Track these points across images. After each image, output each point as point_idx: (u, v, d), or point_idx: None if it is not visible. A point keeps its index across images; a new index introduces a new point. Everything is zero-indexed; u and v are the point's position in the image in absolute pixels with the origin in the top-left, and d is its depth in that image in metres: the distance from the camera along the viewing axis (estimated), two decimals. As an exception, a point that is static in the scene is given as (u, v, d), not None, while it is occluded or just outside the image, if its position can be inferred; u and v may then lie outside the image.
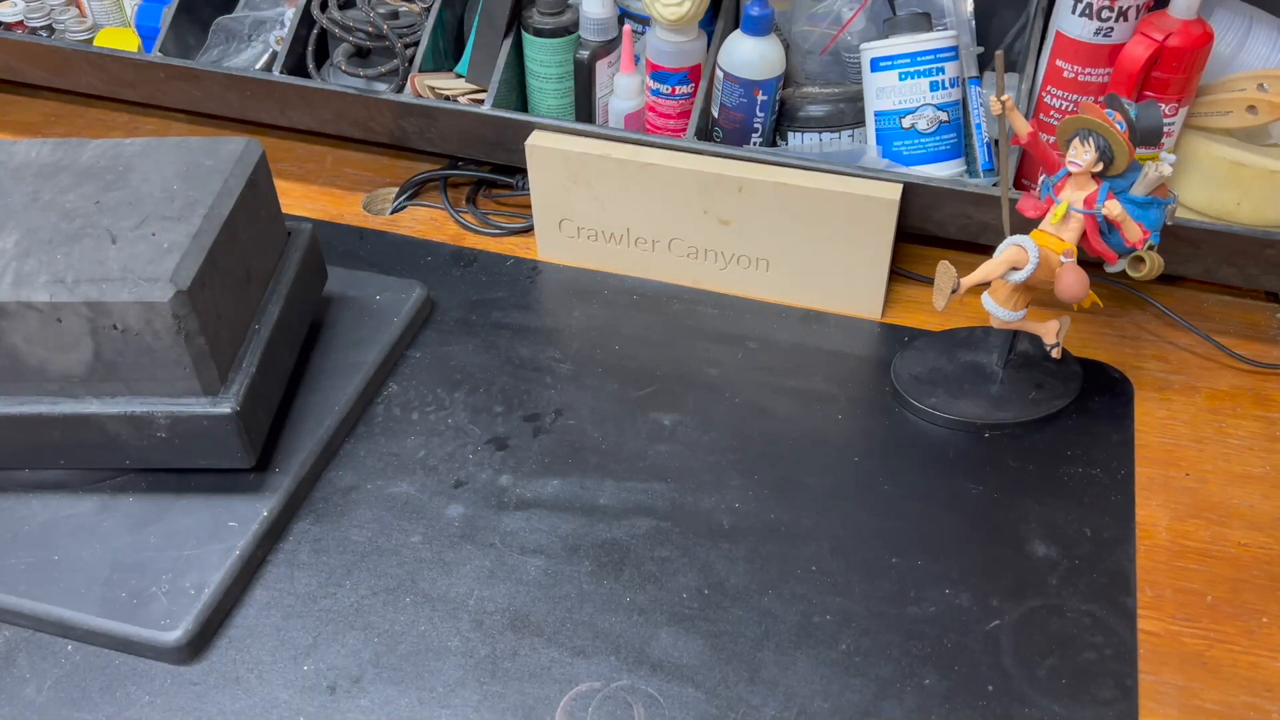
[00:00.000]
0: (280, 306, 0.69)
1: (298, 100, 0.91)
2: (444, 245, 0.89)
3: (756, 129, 0.84)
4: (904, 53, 0.78)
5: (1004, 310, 0.68)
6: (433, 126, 0.89)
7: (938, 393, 0.73)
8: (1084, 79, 0.76)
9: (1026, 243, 0.65)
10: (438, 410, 0.74)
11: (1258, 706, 0.57)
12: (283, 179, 0.97)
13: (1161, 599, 0.62)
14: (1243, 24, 0.76)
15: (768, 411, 0.74)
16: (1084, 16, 0.73)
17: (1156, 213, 0.65)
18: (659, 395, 0.75)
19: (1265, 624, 0.61)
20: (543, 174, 0.83)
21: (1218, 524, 0.67)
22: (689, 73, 0.84)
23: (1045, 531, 0.65)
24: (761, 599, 0.62)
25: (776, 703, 0.57)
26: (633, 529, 0.66)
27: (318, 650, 0.60)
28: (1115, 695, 0.57)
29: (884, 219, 0.76)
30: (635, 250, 0.84)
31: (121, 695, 0.58)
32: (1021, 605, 0.62)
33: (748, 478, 0.69)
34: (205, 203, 0.63)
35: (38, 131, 1.05)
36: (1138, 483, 0.69)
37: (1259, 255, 0.75)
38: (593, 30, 0.85)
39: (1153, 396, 0.75)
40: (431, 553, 0.65)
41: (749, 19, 0.79)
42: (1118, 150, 0.63)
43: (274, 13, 0.97)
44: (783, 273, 0.81)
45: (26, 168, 0.67)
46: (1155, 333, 0.80)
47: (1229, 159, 0.75)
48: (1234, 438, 0.72)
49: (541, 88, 0.89)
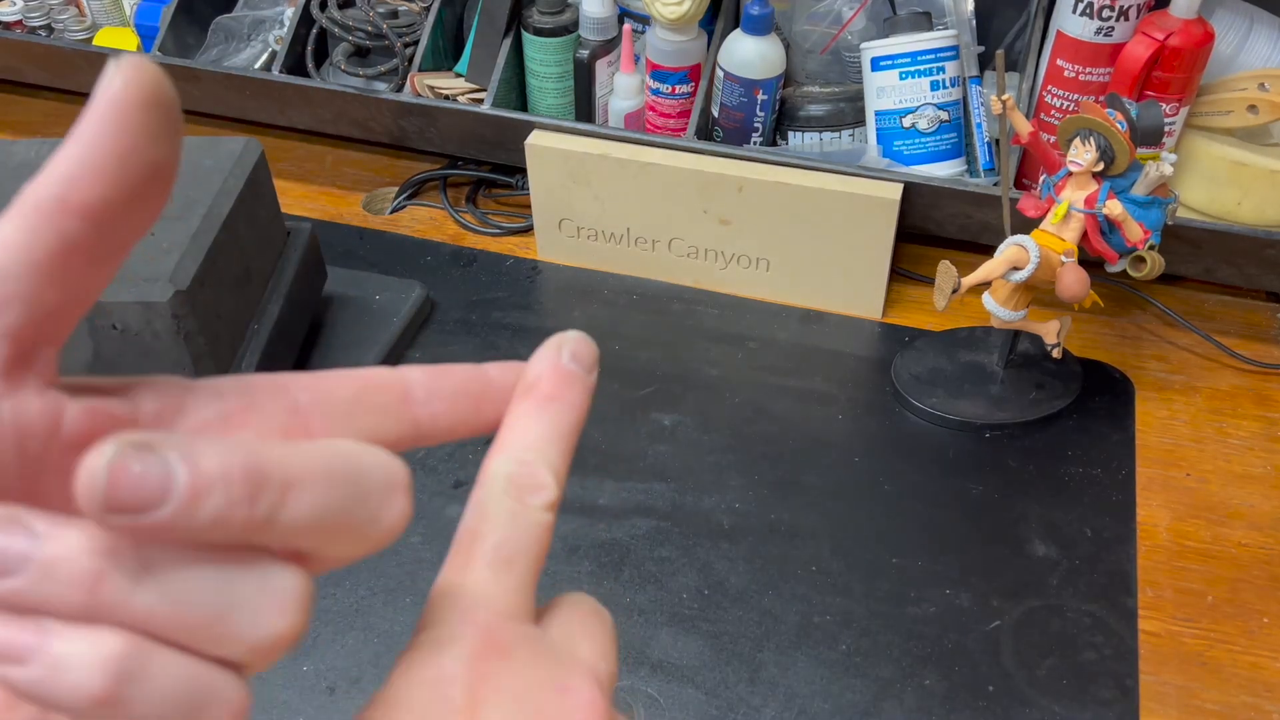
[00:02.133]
0: (280, 306, 0.69)
1: (297, 100, 0.91)
2: (444, 245, 0.89)
3: (757, 128, 0.84)
4: (904, 52, 0.78)
5: (1005, 310, 0.68)
6: (432, 126, 0.89)
7: (938, 393, 0.73)
8: (1085, 78, 0.76)
9: (1027, 242, 0.65)
10: (437, 410, 0.74)
11: (1258, 707, 0.57)
12: (282, 179, 0.97)
13: (1162, 599, 0.62)
14: (1243, 23, 0.76)
15: (768, 412, 0.74)
16: (1085, 16, 0.73)
17: (1157, 212, 0.65)
18: (659, 395, 0.75)
19: (1265, 624, 0.61)
20: (542, 174, 0.82)
21: (1218, 524, 0.67)
22: (689, 72, 0.83)
23: (1046, 531, 0.65)
24: (761, 599, 0.62)
25: (777, 703, 0.57)
26: (633, 529, 0.66)
27: (317, 651, 0.60)
28: (1115, 695, 0.57)
29: (884, 219, 0.76)
30: (635, 250, 0.84)
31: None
32: (1022, 605, 0.62)
33: (748, 478, 0.69)
34: (204, 202, 0.63)
35: (37, 131, 1.05)
36: (1138, 483, 0.69)
37: (1260, 255, 0.75)
38: (592, 29, 0.85)
39: (1153, 396, 0.75)
40: (431, 553, 0.65)
41: (749, 18, 0.79)
42: (1118, 150, 0.63)
43: (273, 12, 0.97)
44: (783, 272, 0.81)
45: (25, 167, 0.67)
46: (1156, 333, 0.80)
47: (1230, 158, 0.75)
48: (1234, 438, 0.72)
49: (541, 87, 0.88)
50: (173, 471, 0.18)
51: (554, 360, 0.28)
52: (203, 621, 0.19)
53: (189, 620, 0.19)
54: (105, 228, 0.20)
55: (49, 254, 0.19)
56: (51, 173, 0.20)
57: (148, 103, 0.20)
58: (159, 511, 0.17)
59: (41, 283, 0.20)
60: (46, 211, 0.19)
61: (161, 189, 0.20)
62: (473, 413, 0.26)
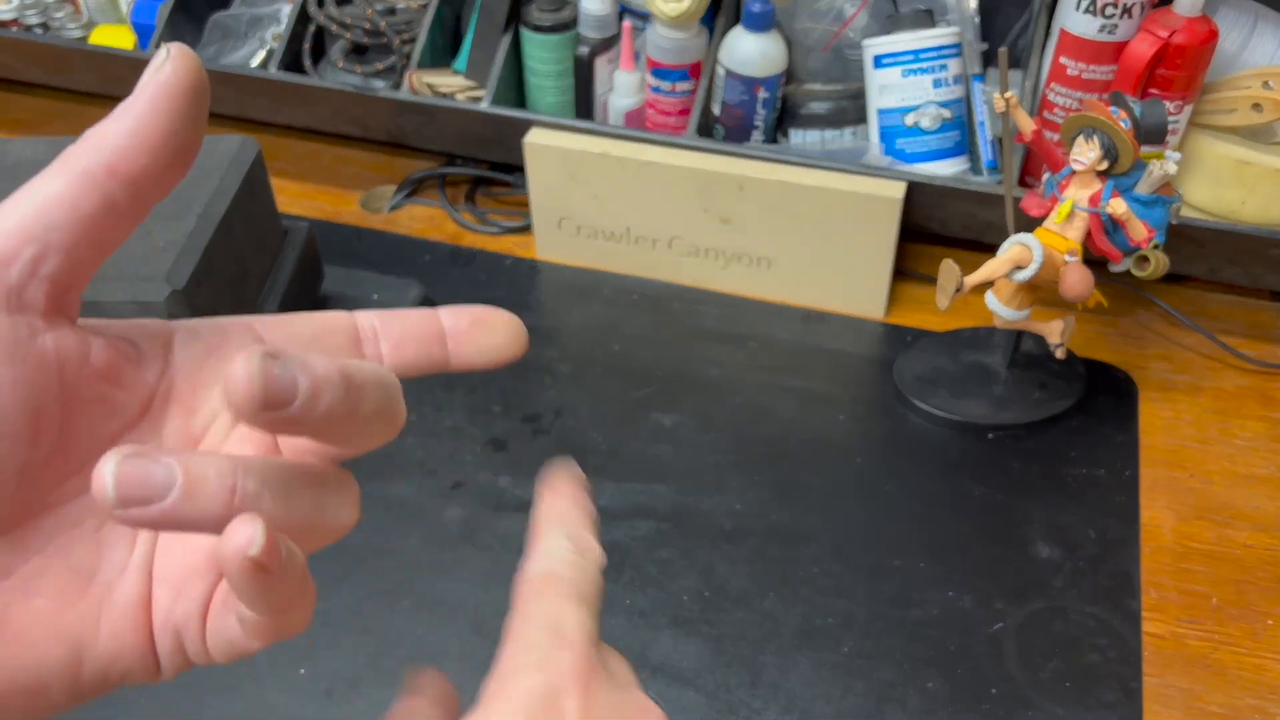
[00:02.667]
0: (276, 306, 0.68)
1: (294, 98, 0.90)
2: (442, 244, 0.89)
3: (758, 126, 0.83)
4: (907, 49, 0.78)
5: (1008, 310, 0.68)
6: (430, 124, 0.88)
7: (941, 393, 0.73)
8: (1088, 76, 0.75)
9: (1031, 241, 0.64)
10: (436, 411, 0.73)
11: (1263, 709, 0.57)
12: (279, 177, 0.96)
13: (1166, 601, 0.62)
14: (1248, 21, 0.75)
15: (769, 412, 0.73)
16: (1088, 13, 0.73)
17: (1161, 211, 0.64)
18: (659, 395, 0.74)
19: (1270, 626, 0.61)
20: (542, 172, 0.82)
21: (1223, 525, 0.66)
22: (689, 69, 0.83)
23: (1049, 533, 0.65)
24: (763, 601, 0.61)
25: (778, 706, 0.57)
26: (633, 531, 0.65)
27: (315, 654, 0.59)
28: (1119, 698, 0.57)
29: (887, 217, 0.75)
30: (635, 249, 0.83)
31: (118, 697, 0.57)
32: (1025, 607, 0.61)
33: (749, 479, 0.69)
34: (201, 201, 0.63)
35: (33, 129, 1.04)
36: (1142, 484, 0.68)
37: (1264, 254, 0.75)
38: (592, 26, 0.84)
39: (1157, 397, 0.74)
40: (430, 555, 0.64)
41: (750, 15, 0.79)
42: (1122, 148, 0.62)
43: (270, 9, 0.96)
44: (784, 272, 0.81)
45: (21, 166, 0.66)
46: (1160, 333, 0.79)
47: (1234, 157, 0.75)
48: (1239, 438, 0.71)
49: (540, 84, 0.88)
50: (297, 375, 0.21)
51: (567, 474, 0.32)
52: (306, 521, 0.24)
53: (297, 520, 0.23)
54: (141, 194, 0.24)
55: (92, 212, 0.23)
56: (102, 142, 0.23)
57: (193, 89, 0.24)
58: (291, 407, 0.21)
59: (81, 236, 0.23)
60: (96, 176, 0.23)
61: (188, 164, 0.24)
62: (421, 354, 0.28)
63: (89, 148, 0.23)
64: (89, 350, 0.24)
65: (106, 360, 0.24)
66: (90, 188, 0.23)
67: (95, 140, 0.23)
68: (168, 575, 0.25)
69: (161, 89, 0.23)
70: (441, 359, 0.28)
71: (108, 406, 0.25)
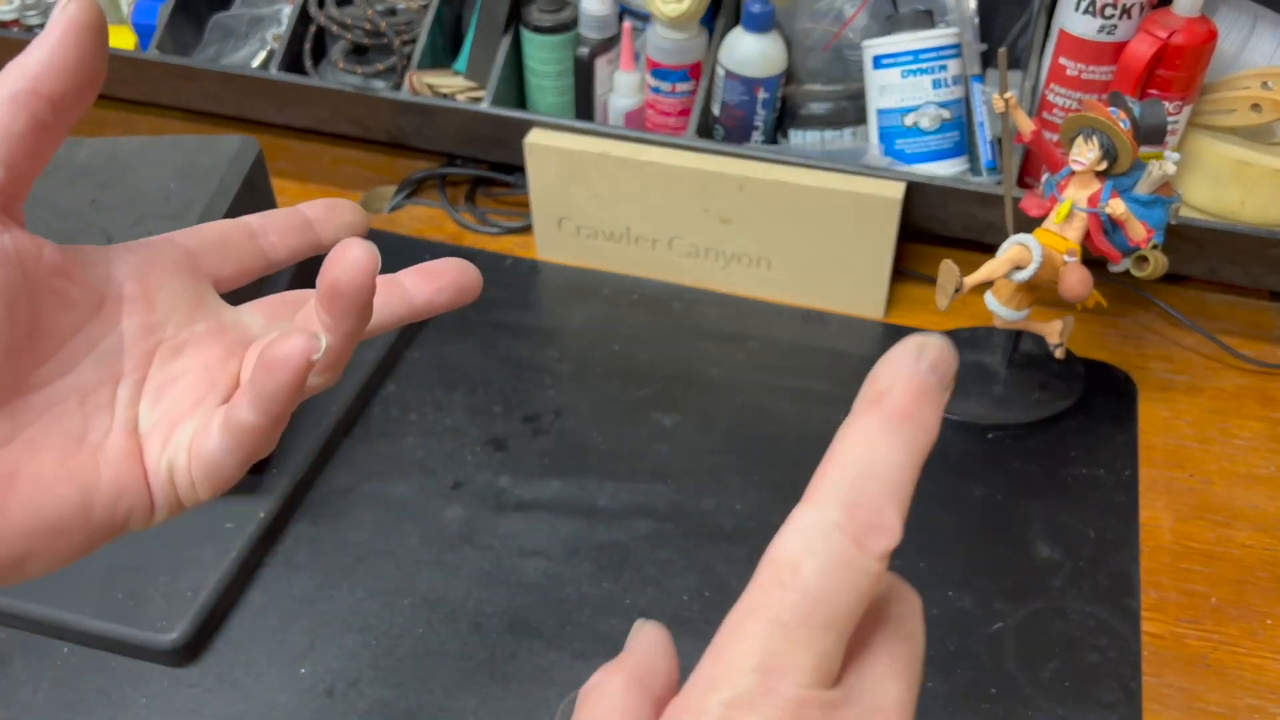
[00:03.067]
0: (277, 306, 0.68)
1: (295, 98, 0.90)
2: (442, 244, 0.89)
3: (757, 127, 0.83)
4: (906, 50, 0.78)
5: (1007, 310, 0.68)
6: (431, 124, 0.88)
7: (940, 393, 0.73)
8: (1087, 77, 0.75)
9: (1030, 241, 0.64)
10: (436, 411, 0.73)
11: (1262, 709, 0.57)
12: (280, 177, 0.96)
13: (1165, 601, 0.62)
14: (1247, 22, 0.75)
15: (769, 412, 0.73)
16: (1087, 14, 0.73)
17: (1160, 212, 0.64)
18: (659, 395, 0.75)
19: (1270, 626, 0.61)
20: (542, 172, 0.82)
21: (1222, 525, 0.66)
22: (689, 70, 0.83)
23: (1048, 533, 0.65)
24: (763, 601, 0.61)
25: (778, 706, 0.57)
26: (633, 531, 0.65)
27: (315, 653, 0.60)
28: (1119, 698, 0.57)
29: (886, 218, 0.75)
30: (635, 249, 0.84)
31: (118, 697, 0.58)
32: (1024, 607, 0.61)
33: (749, 479, 0.69)
34: (202, 201, 0.63)
35: (34, 129, 1.04)
36: (1141, 484, 0.68)
37: (1264, 254, 0.75)
38: (592, 27, 0.85)
39: (1157, 397, 0.74)
40: (430, 555, 0.64)
41: (750, 16, 0.79)
42: (1121, 148, 0.62)
43: (271, 10, 0.96)
44: (784, 272, 0.81)
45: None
46: (1159, 333, 0.80)
47: (1233, 157, 0.75)
48: (1238, 438, 0.72)
49: (540, 85, 0.88)
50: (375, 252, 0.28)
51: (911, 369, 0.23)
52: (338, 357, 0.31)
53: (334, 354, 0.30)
54: (61, 112, 0.28)
55: (23, 129, 0.27)
56: (25, 71, 0.27)
57: (94, 24, 0.27)
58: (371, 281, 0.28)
59: (18, 150, 0.27)
60: (22, 98, 0.27)
61: (97, 88, 0.28)
62: (301, 241, 0.35)
63: (14, 76, 0.27)
64: (42, 250, 0.28)
65: (59, 260, 0.29)
66: (19, 109, 0.27)
67: (18, 70, 0.27)
68: (157, 425, 0.30)
69: (70, 24, 0.27)
70: (315, 242, 0.35)
71: (66, 299, 0.29)
